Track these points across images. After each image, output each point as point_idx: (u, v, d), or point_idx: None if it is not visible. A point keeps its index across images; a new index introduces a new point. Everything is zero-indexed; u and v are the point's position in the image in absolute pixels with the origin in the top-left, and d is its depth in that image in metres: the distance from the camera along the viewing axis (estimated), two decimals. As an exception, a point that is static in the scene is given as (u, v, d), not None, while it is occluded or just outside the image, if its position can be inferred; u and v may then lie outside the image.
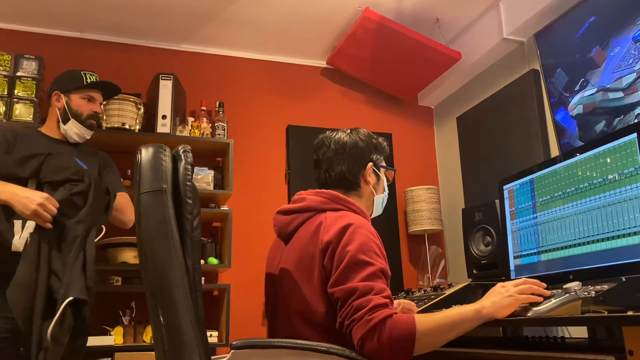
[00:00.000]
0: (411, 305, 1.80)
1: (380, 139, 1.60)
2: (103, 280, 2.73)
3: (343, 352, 1.12)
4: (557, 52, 2.69)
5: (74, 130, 2.19)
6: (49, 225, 1.79)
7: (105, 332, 2.63)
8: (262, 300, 1.58)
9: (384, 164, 1.60)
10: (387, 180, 1.62)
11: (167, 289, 1.06)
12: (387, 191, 1.61)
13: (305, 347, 1.11)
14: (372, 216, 1.57)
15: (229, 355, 1.08)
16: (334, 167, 1.51)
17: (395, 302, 1.82)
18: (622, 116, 2.32)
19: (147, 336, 2.65)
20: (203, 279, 2.75)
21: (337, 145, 1.53)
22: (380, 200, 1.57)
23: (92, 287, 1.79)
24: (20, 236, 1.94)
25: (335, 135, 1.55)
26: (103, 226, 2.05)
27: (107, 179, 2.25)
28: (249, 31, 3.32)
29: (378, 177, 1.57)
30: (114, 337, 2.60)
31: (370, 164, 1.54)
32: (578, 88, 2.55)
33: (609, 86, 2.39)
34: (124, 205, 2.20)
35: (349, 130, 1.57)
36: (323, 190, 1.48)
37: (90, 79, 2.25)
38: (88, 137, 2.25)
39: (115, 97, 2.83)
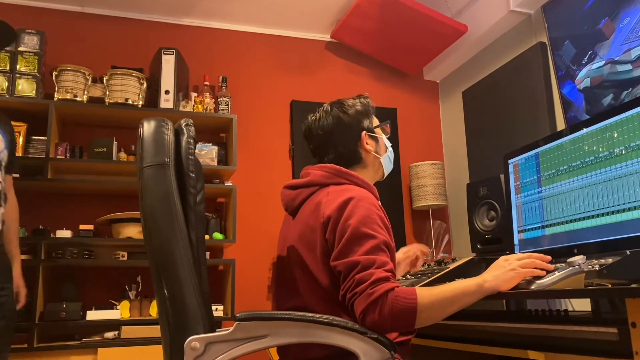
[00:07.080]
0: (422, 247, 1.80)
1: (361, 99, 1.54)
2: (109, 256, 2.76)
3: (345, 325, 1.13)
4: (565, 24, 2.64)
5: None
6: None
7: (112, 306, 2.66)
8: (267, 274, 1.59)
9: (375, 122, 1.55)
10: (385, 133, 1.57)
11: (171, 262, 1.06)
12: (389, 145, 1.57)
13: (309, 319, 1.12)
14: (385, 175, 1.55)
15: (233, 327, 1.08)
16: (329, 153, 1.50)
17: (406, 248, 1.83)
18: (631, 89, 2.28)
19: (153, 310, 2.68)
20: (208, 254, 2.77)
21: (324, 131, 1.50)
22: (387, 160, 1.55)
23: None
24: None
25: (318, 121, 1.51)
26: None
27: (13, 154, 2.15)
28: (252, 4, 3.27)
29: (376, 139, 1.53)
30: (120, 311, 2.64)
31: (364, 132, 1.50)
32: (586, 61, 2.51)
33: (617, 58, 2.35)
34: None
35: (328, 108, 1.52)
36: (327, 164, 1.47)
37: None
38: None
39: (119, 72, 2.82)
